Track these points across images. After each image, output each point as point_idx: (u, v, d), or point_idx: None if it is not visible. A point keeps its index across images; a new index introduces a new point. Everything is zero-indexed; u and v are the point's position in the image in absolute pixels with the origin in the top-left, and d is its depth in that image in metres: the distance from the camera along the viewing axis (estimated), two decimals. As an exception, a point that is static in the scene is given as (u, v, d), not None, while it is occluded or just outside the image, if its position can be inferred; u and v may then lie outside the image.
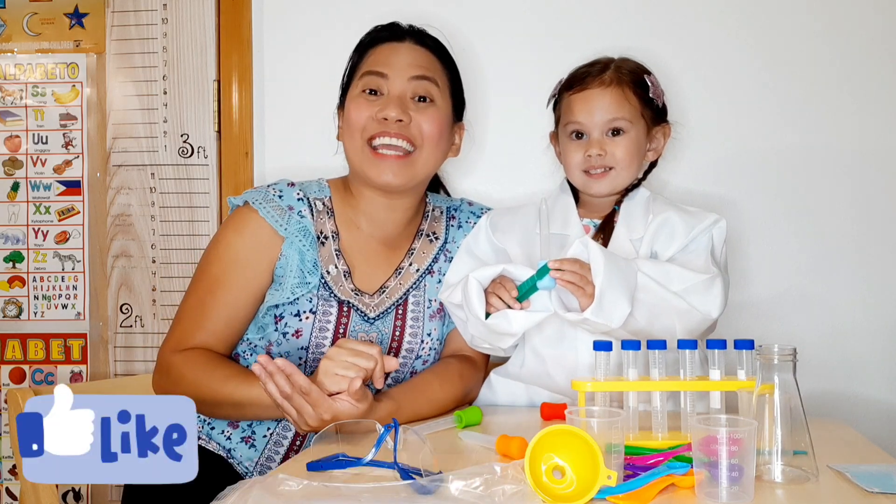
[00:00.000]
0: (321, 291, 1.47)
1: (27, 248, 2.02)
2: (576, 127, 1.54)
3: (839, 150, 1.87)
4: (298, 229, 1.48)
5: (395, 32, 1.55)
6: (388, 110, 1.46)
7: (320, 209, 1.53)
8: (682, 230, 1.49)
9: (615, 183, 1.53)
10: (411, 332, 1.54)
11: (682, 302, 1.38)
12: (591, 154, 1.51)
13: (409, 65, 1.50)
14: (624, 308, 1.35)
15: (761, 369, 1.07)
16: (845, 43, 1.86)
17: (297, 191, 1.52)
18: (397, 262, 1.57)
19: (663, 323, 1.38)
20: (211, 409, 1.43)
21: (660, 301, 1.38)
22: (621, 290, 1.35)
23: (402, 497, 0.95)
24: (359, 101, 1.50)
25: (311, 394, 1.23)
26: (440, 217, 1.64)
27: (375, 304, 1.52)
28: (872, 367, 1.86)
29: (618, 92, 1.52)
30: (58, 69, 2.03)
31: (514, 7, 1.92)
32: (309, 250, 1.47)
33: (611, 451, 0.98)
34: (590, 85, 1.53)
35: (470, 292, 1.44)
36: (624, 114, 1.51)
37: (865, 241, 1.86)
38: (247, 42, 1.96)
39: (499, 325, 1.43)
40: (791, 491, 1.00)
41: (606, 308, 1.34)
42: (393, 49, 1.53)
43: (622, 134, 1.52)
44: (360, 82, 1.51)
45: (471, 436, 1.26)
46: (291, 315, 1.46)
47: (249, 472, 1.50)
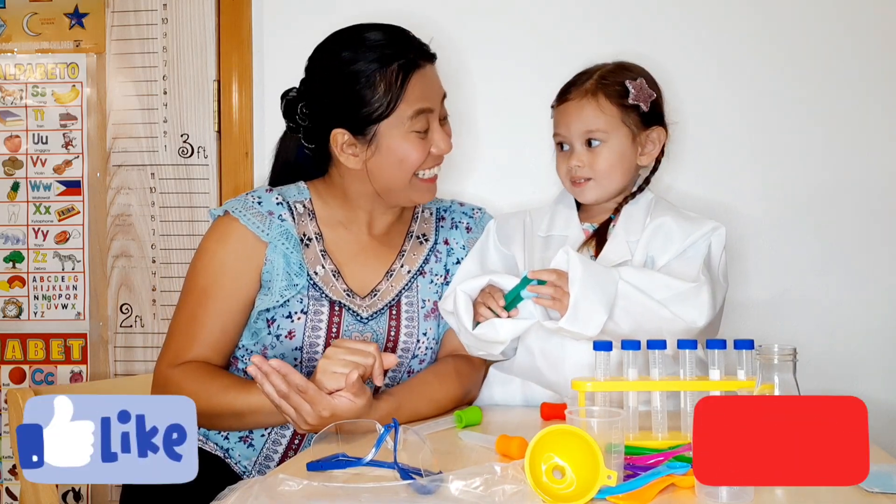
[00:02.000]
0: (311, 292, 1.48)
1: (27, 248, 2.02)
2: (558, 139, 1.57)
3: (839, 151, 1.87)
4: (280, 233, 1.48)
5: (414, 56, 1.47)
6: (443, 146, 1.49)
7: (301, 211, 1.52)
8: (678, 236, 1.49)
9: (599, 192, 1.54)
10: (406, 332, 1.54)
11: (665, 310, 1.39)
12: (570, 165, 1.54)
13: (439, 90, 1.51)
14: (600, 317, 1.36)
15: (761, 369, 1.07)
16: (848, 45, 1.86)
17: (275, 195, 1.52)
18: (388, 264, 1.57)
19: (648, 330, 1.38)
20: (211, 420, 1.43)
21: (643, 309, 1.39)
22: (597, 300, 1.36)
23: (402, 497, 0.95)
24: (412, 139, 1.45)
25: (309, 391, 1.23)
26: (429, 218, 1.65)
27: (367, 305, 1.52)
28: (872, 367, 1.86)
29: (592, 103, 1.52)
30: (58, 69, 2.03)
31: (513, 10, 1.92)
32: (293, 253, 1.48)
33: (611, 451, 0.98)
34: (569, 97, 1.55)
35: (458, 304, 1.47)
36: (599, 125, 1.52)
37: (865, 241, 1.86)
38: (247, 42, 1.96)
39: (486, 335, 1.46)
40: (791, 491, 1.00)
41: (582, 317, 1.36)
42: (424, 77, 1.47)
43: (600, 144, 1.53)
44: (410, 122, 1.44)
45: (471, 436, 1.26)
46: (283, 317, 1.46)
47: (247, 472, 1.50)
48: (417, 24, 1.61)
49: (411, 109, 1.44)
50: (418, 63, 1.45)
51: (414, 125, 1.44)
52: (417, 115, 1.44)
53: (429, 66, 1.49)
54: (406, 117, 1.44)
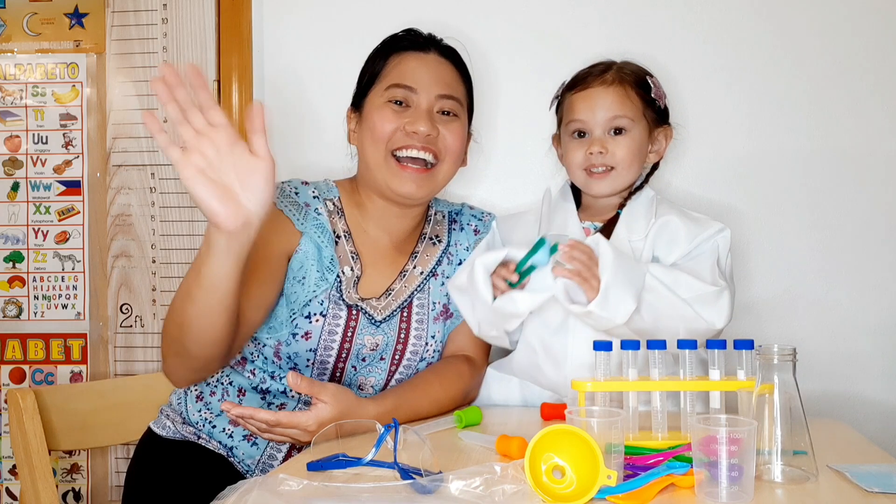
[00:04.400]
0: (332, 293, 1.48)
1: (27, 248, 2.02)
2: (578, 125, 1.54)
3: (840, 151, 1.86)
4: (315, 226, 1.48)
5: (418, 41, 1.54)
6: (419, 125, 1.47)
7: (331, 209, 1.53)
8: (684, 236, 1.49)
9: (616, 183, 1.54)
10: (416, 335, 1.54)
11: (689, 309, 1.39)
12: (592, 152, 1.51)
13: (437, 81, 1.51)
14: (629, 305, 1.35)
15: (761, 369, 1.07)
16: (848, 46, 1.86)
17: (311, 189, 1.53)
18: (402, 265, 1.57)
19: (667, 326, 1.38)
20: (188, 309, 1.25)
21: (667, 305, 1.39)
22: (628, 287, 1.35)
23: (402, 497, 0.95)
24: (385, 111, 1.49)
25: (281, 420, 1.26)
26: (442, 221, 1.65)
27: (382, 306, 1.52)
28: (872, 367, 1.86)
29: (620, 90, 1.52)
30: (58, 69, 2.03)
31: (520, 13, 1.91)
32: (327, 247, 1.48)
33: (611, 451, 0.98)
34: (592, 84, 1.54)
35: (476, 277, 1.44)
36: (626, 112, 1.52)
37: (865, 241, 1.86)
38: (247, 42, 1.96)
39: (505, 307, 1.43)
40: (791, 491, 1.00)
41: (612, 303, 1.34)
42: (420, 61, 1.52)
43: (624, 133, 1.52)
44: (386, 92, 1.50)
45: (471, 436, 1.26)
46: (302, 317, 1.46)
47: (250, 471, 1.50)
48: (420, 23, 1.61)
49: (389, 82, 1.50)
50: (408, 46, 1.52)
51: (387, 95, 1.49)
52: (393, 88, 1.49)
53: (425, 54, 1.53)
54: (382, 89, 1.50)
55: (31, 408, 1.47)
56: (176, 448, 1.50)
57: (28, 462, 1.45)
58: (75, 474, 2.00)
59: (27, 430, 1.46)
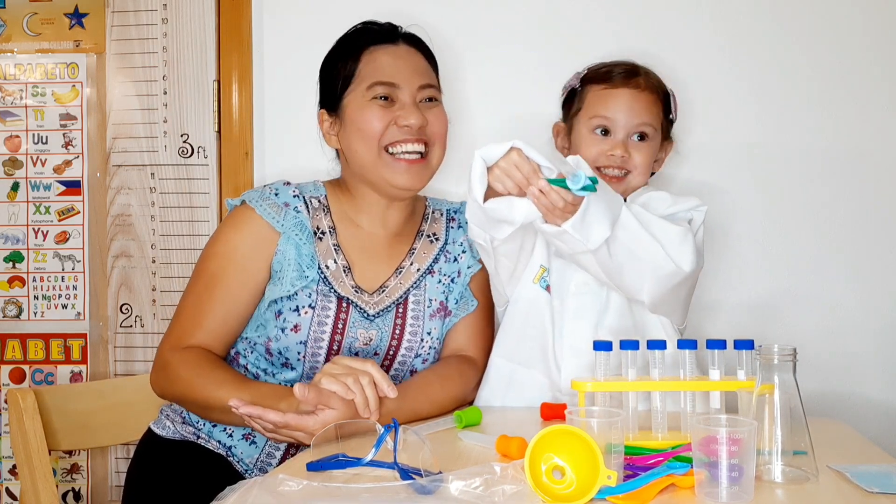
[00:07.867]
0: (320, 286, 1.49)
1: (27, 248, 2.02)
2: (604, 122, 1.55)
3: (840, 151, 1.86)
4: (294, 224, 1.50)
5: (383, 33, 1.56)
6: (410, 118, 1.48)
7: (316, 206, 1.55)
8: (664, 204, 1.50)
9: (627, 187, 1.56)
10: (411, 331, 1.54)
11: (660, 251, 1.38)
12: (614, 154, 1.53)
13: (415, 72, 1.53)
14: (604, 230, 1.33)
15: (761, 369, 1.07)
16: (846, 42, 1.86)
17: (293, 189, 1.55)
18: (398, 261, 1.58)
19: (636, 268, 1.39)
20: (203, 411, 1.46)
21: (637, 242, 1.38)
22: (605, 213, 1.33)
23: (402, 497, 0.95)
24: (372, 108, 1.50)
25: (290, 423, 1.27)
26: (440, 219, 1.66)
27: (375, 301, 1.53)
28: (872, 367, 1.86)
29: (651, 98, 1.56)
30: (58, 69, 2.03)
31: (507, 9, 1.91)
32: (305, 244, 1.49)
33: (611, 451, 0.98)
34: (626, 84, 1.55)
35: (473, 170, 1.32)
36: (651, 119, 1.55)
37: (865, 241, 1.86)
38: (247, 42, 1.96)
39: (499, 211, 1.33)
40: (791, 491, 1.00)
41: (588, 223, 1.31)
42: (392, 54, 1.53)
43: (646, 139, 1.55)
44: (368, 91, 1.50)
45: (471, 436, 1.26)
46: (290, 310, 1.47)
47: (249, 470, 1.50)
48: (415, 22, 1.61)
49: (369, 81, 1.50)
50: (377, 40, 1.54)
51: (369, 93, 1.50)
52: (375, 86, 1.50)
53: (394, 46, 1.54)
54: (363, 88, 1.51)
55: (31, 408, 1.47)
56: (176, 448, 1.50)
57: (28, 462, 1.45)
58: (75, 474, 2.00)
59: (27, 430, 1.46)
